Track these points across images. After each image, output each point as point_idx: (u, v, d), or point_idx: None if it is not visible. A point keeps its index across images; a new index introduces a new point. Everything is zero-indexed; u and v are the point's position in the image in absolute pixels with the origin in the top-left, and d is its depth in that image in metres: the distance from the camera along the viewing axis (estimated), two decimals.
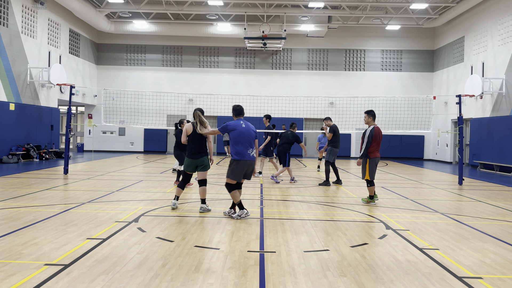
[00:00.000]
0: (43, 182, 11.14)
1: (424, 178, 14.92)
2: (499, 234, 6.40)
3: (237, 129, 7.05)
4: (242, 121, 7.20)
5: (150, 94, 23.00)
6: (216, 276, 4.30)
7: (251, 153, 7.08)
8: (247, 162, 7.04)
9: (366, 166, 8.80)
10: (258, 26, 22.16)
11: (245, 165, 7.04)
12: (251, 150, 7.10)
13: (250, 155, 7.05)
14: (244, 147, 7.02)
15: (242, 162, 6.98)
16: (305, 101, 23.83)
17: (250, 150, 7.09)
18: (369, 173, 8.78)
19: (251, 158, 7.07)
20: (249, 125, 7.19)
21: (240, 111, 7.33)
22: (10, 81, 16.88)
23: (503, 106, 17.80)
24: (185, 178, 7.74)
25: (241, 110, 7.35)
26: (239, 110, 7.32)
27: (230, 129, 7.07)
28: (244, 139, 7.03)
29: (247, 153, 7.02)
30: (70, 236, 5.65)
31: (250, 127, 7.17)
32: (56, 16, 20.63)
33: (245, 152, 7.01)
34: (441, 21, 22.19)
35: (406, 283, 4.22)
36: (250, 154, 7.05)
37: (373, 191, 8.82)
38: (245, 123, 7.17)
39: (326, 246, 5.49)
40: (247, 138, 7.05)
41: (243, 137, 7.02)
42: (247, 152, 7.02)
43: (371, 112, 8.85)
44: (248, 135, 7.06)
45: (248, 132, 7.08)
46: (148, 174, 13.81)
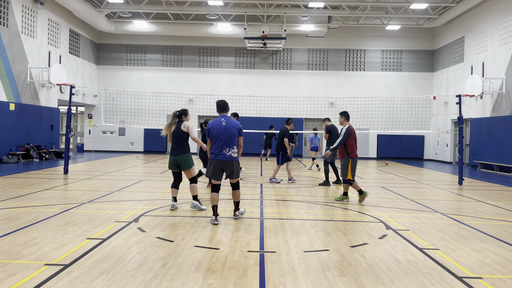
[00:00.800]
0: (43, 182, 11.14)
1: (424, 178, 14.92)
2: (499, 234, 6.40)
3: (216, 127, 6.69)
4: (224, 118, 6.76)
5: (150, 94, 23.01)
6: (216, 276, 4.30)
7: (227, 152, 6.63)
8: (221, 162, 6.64)
9: (348, 167, 8.83)
10: (258, 26, 22.16)
11: (219, 165, 6.66)
12: (229, 149, 6.64)
13: (226, 154, 6.62)
14: (219, 145, 6.64)
15: (214, 162, 6.65)
16: (305, 101, 23.83)
17: (227, 149, 6.63)
18: (351, 173, 8.83)
19: (226, 157, 6.62)
20: (231, 123, 6.73)
21: (224, 107, 6.88)
22: (10, 81, 16.88)
23: (503, 106, 17.80)
24: (175, 177, 7.82)
25: (225, 106, 6.89)
26: (223, 105, 6.87)
27: (209, 128, 6.72)
28: (222, 138, 6.62)
29: (222, 152, 6.62)
30: (70, 236, 5.65)
31: (232, 125, 6.71)
32: (56, 16, 20.63)
33: (221, 151, 6.62)
34: (441, 21, 22.19)
35: (406, 283, 4.22)
36: (226, 154, 6.62)
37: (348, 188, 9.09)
38: (227, 121, 6.72)
39: (326, 246, 5.49)
40: (226, 136, 6.62)
41: (221, 136, 6.63)
42: (222, 151, 6.62)
43: (345, 113, 9.16)
44: (227, 134, 6.63)
45: (228, 130, 6.65)
46: (148, 174, 13.80)
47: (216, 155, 6.64)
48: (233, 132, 6.67)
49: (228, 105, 6.94)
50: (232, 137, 6.65)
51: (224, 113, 6.87)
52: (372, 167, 19.00)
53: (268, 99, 22.83)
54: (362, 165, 19.89)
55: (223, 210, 7.89)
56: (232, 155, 6.66)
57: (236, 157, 6.70)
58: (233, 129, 6.68)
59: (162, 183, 11.42)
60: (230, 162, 6.68)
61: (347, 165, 8.84)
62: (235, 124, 6.75)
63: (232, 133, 6.66)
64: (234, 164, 6.73)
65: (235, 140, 6.69)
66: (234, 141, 6.68)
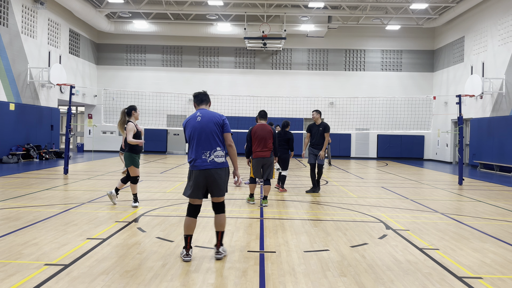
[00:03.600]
0: (43, 182, 11.14)
1: (424, 178, 14.92)
2: (499, 234, 6.40)
3: (189, 125, 4.92)
4: (200, 111, 4.97)
5: (150, 94, 23.01)
6: (216, 276, 4.30)
7: (208, 157, 4.77)
8: (201, 173, 4.76)
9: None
10: (258, 26, 22.16)
11: (200, 177, 4.77)
12: (210, 152, 4.79)
13: (207, 160, 4.77)
14: (197, 149, 4.81)
15: (196, 173, 4.77)
16: (305, 101, 23.82)
17: (207, 153, 4.78)
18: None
19: (207, 165, 4.76)
20: (209, 116, 4.90)
21: (202, 98, 5.11)
22: (10, 81, 16.88)
23: (503, 106, 17.80)
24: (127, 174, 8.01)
25: (203, 96, 5.12)
26: (201, 96, 5.12)
27: (183, 127, 5.02)
28: (198, 137, 4.82)
29: (201, 158, 4.78)
30: (70, 236, 5.65)
31: (211, 118, 4.88)
32: (56, 16, 20.63)
33: (199, 157, 4.79)
34: (441, 21, 22.19)
35: (406, 283, 4.22)
36: (207, 159, 4.77)
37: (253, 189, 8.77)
38: (203, 114, 4.92)
39: (326, 246, 5.49)
40: (204, 135, 4.81)
41: (197, 134, 4.83)
42: (200, 157, 4.78)
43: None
44: (205, 131, 4.82)
45: (205, 126, 4.84)
46: (148, 174, 13.81)
47: (194, 164, 4.80)
48: (212, 128, 4.84)
49: (208, 96, 5.17)
50: (212, 135, 4.83)
51: (203, 106, 5.10)
52: (372, 167, 19.00)
53: (268, 99, 22.83)
54: (362, 165, 19.89)
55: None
56: (215, 160, 4.79)
57: (222, 163, 4.83)
58: (211, 124, 4.85)
59: (162, 183, 11.42)
60: (213, 171, 4.77)
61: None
62: (215, 116, 4.92)
63: (211, 129, 4.84)
64: (221, 173, 4.82)
65: (216, 138, 4.85)
66: (216, 140, 4.85)
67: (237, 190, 10.48)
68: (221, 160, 4.84)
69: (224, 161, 4.85)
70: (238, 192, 10.17)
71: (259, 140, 8.55)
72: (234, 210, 7.86)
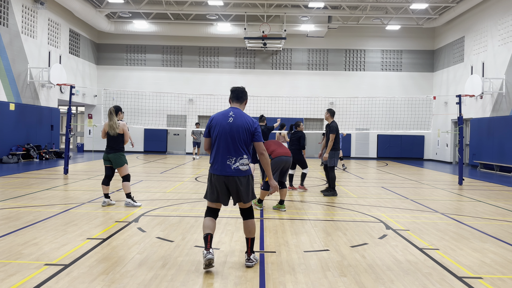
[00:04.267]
0: (43, 182, 11.13)
1: (424, 178, 14.92)
2: (499, 234, 6.40)
3: (219, 124, 4.62)
4: (233, 110, 4.69)
5: (150, 94, 23.00)
6: (216, 276, 4.30)
7: (233, 163, 4.53)
8: (222, 179, 4.55)
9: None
10: (258, 26, 22.16)
11: (220, 182, 4.57)
12: (236, 159, 4.54)
13: (231, 167, 4.52)
14: (222, 153, 4.56)
15: (213, 177, 4.60)
16: (305, 101, 23.82)
17: (232, 160, 4.53)
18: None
19: (231, 172, 4.52)
20: (242, 119, 4.61)
21: (239, 94, 4.81)
22: (10, 81, 16.88)
23: (503, 106, 17.80)
24: (106, 173, 7.93)
25: (240, 93, 4.81)
26: (238, 92, 4.82)
27: (209, 124, 4.68)
28: (226, 140, 4.56)
29: (226, 164, 4.53)
30: (70, 236, 5.65)
31: (244, 122, 4.59)
32: (56, 16, 20.63)
33: (223, 162, 4.55)
34: (441, 21, 22.19)
35: (406, 283, 4.22)
36: (231, 166, 4.53)
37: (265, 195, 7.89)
38: (237, 115, 4.63)
39: (326, 246, 5.49)
40: (233, 139, 4.54)
41: (224, 137, 4.57)
42: (226, 163, 4.53)
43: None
44: (235, 135, 4.55)
45: (236, 130, 4.55)
46: (148, 174, 13.80)
47: (217, 168, 4.58)
48: (242, 133, 4.56)
49: (246, 94, 4.85)
50: (241, 141, 4.56)
51: (237, 105, 4.79)
52: (372, 167, 19.00)
53: (268, 99, 22.82)
54: (362, 165, 19.89)
55: (223, 209, 7.88)
56: (240, 168, 4.55)
57: (246, 171, 4.59)
58: (242, 130, 4.56)
59: (162, 183, 11.42)
60: (235, 179, 4.54)
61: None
62: (248, 122, 4.61)
63: (241, 135, 4.56)
64: (242, 181, 4.57)
65: (244, 146, 4.59)
66: (244, 147, 4.59)
67: None
68: (246, 168, 4.59)
69: (248, 169, 4.62)
70: None
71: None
72: (234, 210, 7.85)
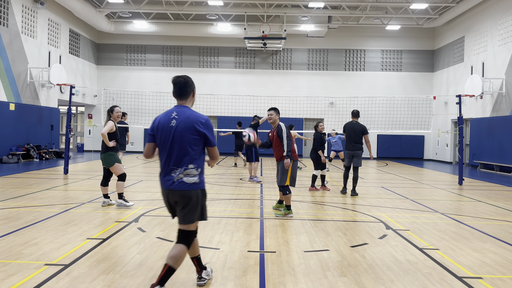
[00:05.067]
0: (43, 182, 11.14)
1: (424, 178, 14.92)
2: (499, 234, 6.40)
3: (160, 127, 3.76)
4: (176, 111, 3.76)
5: (150, 94, 22.99)
6: (216, 276, 4.30)
7: (176, 174, 3.66)
8: (166, 193, 3.75)
9: (289, 170, 7.33)
10: (258, 26, 22.16)
11: (165, 197, 3.80)
12: (180, 170, 3.66)
13: (173, 179, 3.66)
14: (165, 163, 3.73)
15: (162, 191, 3.83)
16: (305, 101, 23.82)
17: (176, 170, 3.66)
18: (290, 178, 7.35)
19: (174, 185, 3.66)
20: (189, 122, 3.67)
21: (181, 89, 3.80)
22: (10, 81, 16.88)
23: (503, 106, 17.80)
24: (103, 174, 7.95)
25: (182, 87, 3.79)
26: (179, 85, 3.79)
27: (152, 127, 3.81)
28: (170, 147, 3.69)
29: (170, 175, 3.69)
30: (70, 236, 5.65)
31: (190, 126, 3.66)
32: (56, 16, 20.63)
33: (166, 173, 3.72)
34: (441, 21, 22.19)
35: (406, 283, 4.22)
36: (174, 178, 3.66)
37: (290, 200, 7.41)
38: (180, 117, 3.70)
39: (326, 246, 5.49)
40: (177, 146, 3.66)
41: (168, 144, 3.70)
42: (170, 174, 3.69)
43: (277, 109, 7.59)
44: (178, 141, 3.66)
45: (180, 135, 3.66)
46: (148, 174, 13.80)
47: (160, 179, 3.79)
48: (188, 138, 3.65)
49: (191, 86, 3.83)
50: (186, 147, 3.65)
51: (182, 102, 3.83)
52: (372, 167, 19.00)
53: (268, 99, 22.81)
54: (362, 165, 19.85)
55: (223, 210, 7.89)
56: (184, 180, 3.65)
57: (193, 184, 3.68)
58: (188, 133, 3.65)
59: None
60: (178, 194, 3.67)
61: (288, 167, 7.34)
62: (196, 122, 3.68)
63: (186, 139, 3.65)
64: (187, 197, 3.66)
65: (191, 152, 3.67)
66: (190, 154, 3.66)
67: (237, 190, 10.48)
68: (193, 180, 3.67)
69: (197, 181, 3.70)
70: (238, 192, 10.16)
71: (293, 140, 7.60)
72: (234, 210, 7.85)
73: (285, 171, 7.33)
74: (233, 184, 11.62)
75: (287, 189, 7.33)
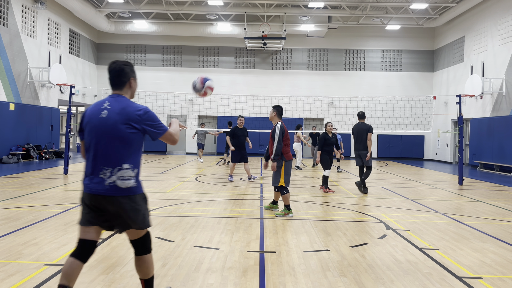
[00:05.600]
0: (43, 182, 11.13)
1: (424, 178, 14.92)
2: (499, 234, 6.40)
3: (90, 121, 3.18)
4: (109, 101, 3.21)
5: (150, 94, 23.00)
6: (216, 276, 4.30)
7: (107, 177, 3.08)
8: (94, 199, 3.11)
9: (281, 170, 7.36)
10: (258, 26, 22.16)
11: (89, 202, 3.14)
12: (112, 170, 3.08)
13: (105, 181, 3.08)
14: (92, 162, 3.13)
15: (84, 196, 3.18)
16: (305, 101, 23.82)
17: (107, 171, 3.08)
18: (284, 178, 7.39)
19: (105, 190, 3.07)
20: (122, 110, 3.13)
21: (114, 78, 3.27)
22: (10, 81, 16.88)
23: (503, 106, 17.80)
24: None
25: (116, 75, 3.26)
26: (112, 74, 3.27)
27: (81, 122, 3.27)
28: (97, 143, 3.12)
29: (98, 177, 3.09)
30: (70, 236, 5.64)
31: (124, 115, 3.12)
32: (56, 16, 20.63)
33: (94, 174, 3.11)
34: (441, 21, 22.19)
35: (406, 283, 4.22)
36: (105, 180, 3.08)
37: (288, 200, 7.34)
38: (113, 106, 3.15)
39: (326, 246, 5.49)
40: (105, 141, 3.10)
41: (95, 139, 3.13)
42: (99, 176, 3.09)
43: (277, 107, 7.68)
44: (107, 136, 3.10)
45: (111, 128, 3.09)
46: (148, 174, 13.80)
47: (85, 183, 3.17)
48: (120, 132, 3.09)
49: (128, 73, 3.29)
50: (119, 144, 3.10)
51: (119, 91, 3.28)
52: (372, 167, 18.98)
53: (268, 99, 22.80)
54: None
55: (223, 210, 7.89)
56: (117, 184, 3.09)
57: (129, 189, 3.13)
58: (123, 127, 3.10)
59: (162, 183, 11.42)
60: (112, 200, 3.09)
61: (280, 167, 7.37)
62: (132, 110, 3.15)
63: (118, 133, 3.09)
64: (124, 203, 3.11)
65: (124, 150, 3.12)
66: (124, 151, 3.12)
67: (237, 190, 10.48)
68: (129, 184, 3.12)
69: (134, 186, 3.16)
70: (238, 192, 10.16)
71: (288, 139, 7.49)
72: (234, 210, 7.85)
73: (278, 172, 7.36)
74: (233, 184, 11.61)
75: (284, 189, 7.35)
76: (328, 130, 10.63)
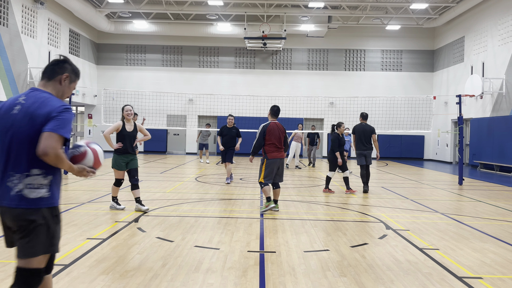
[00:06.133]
0: None
1: (424, 178, 14.92)
2: (499, 234, 6.40)
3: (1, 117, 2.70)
4: (27, 95, 2.72)
5: (150, 94, 23.00)
6: (216, 276, 4.30)
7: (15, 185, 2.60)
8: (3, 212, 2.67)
9: (262, 167, 7.72)
10: (258, 26, 22.16)
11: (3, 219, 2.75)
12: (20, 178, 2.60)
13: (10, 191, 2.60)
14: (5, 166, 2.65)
15: None
16: (305, 101, 23.81)
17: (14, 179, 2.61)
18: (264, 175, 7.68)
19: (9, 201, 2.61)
20: (39, 106, 2.63)
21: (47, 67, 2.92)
22: (10, 81, 16.88)
23: (503, 106, 17.80)
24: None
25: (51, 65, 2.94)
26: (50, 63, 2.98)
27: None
28: (7, 145, 2.64)
29: (5, 185, 2.62)
30: (70, 236, 5.64)
31: (39, 111, 2.61)
32: (56, 16, 20.63)
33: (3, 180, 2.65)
34: (441, 21, 22.19)
35: (406, 283, 4.22)
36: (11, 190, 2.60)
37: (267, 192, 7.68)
38: (28, 101, 2.65)
39: (326, 246, 5.49)
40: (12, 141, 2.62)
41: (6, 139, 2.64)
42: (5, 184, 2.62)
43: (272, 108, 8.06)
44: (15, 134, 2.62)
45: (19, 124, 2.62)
46: (148, 174, 13.80)
47: None
48: (30, 129, 2.60)
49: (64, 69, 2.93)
50: (29, 145, 2.59)
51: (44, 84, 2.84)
52: (372, 167, 18.97)
53: (268, 99, 22.78)
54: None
55: (223, 210, 7.89)
56: (23, 194, 2.59)
57: (42, 200, 2.66)
58: (34, 124, 2.59)
59: (162, 183, 11.42)
60: (18, 213, 2.60)
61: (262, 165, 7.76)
62: (50, 106, 2.63)
63: (28, 131, 2.60)
64: (29, 217, 2.62)
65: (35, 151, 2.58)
66: (34, 154, 2.58)
67: (237, 190, 10.48)
68: (39, 193, 2.62)
69: (46, 195, 2.66)
70: (238, 192, 10.16)
71: (274, 139, 7.70)
72: (234, 210, 7.86)
73: (260, 169, 7.79)
74: (233, 184, 11.61)
75: (262, 184, 7.72)
76: (340, 132, 10.48)
